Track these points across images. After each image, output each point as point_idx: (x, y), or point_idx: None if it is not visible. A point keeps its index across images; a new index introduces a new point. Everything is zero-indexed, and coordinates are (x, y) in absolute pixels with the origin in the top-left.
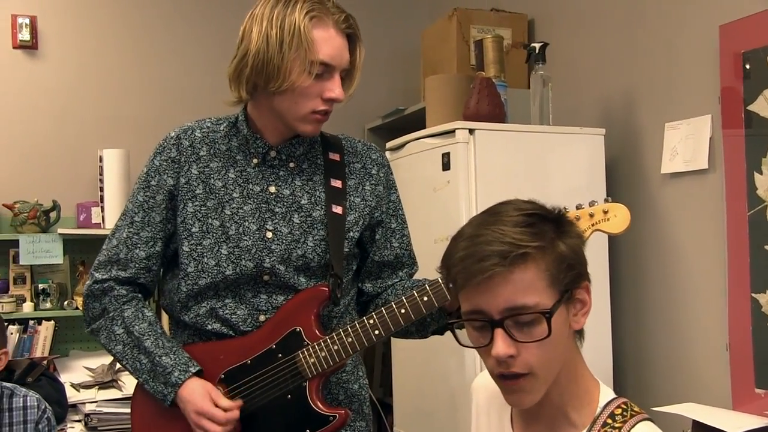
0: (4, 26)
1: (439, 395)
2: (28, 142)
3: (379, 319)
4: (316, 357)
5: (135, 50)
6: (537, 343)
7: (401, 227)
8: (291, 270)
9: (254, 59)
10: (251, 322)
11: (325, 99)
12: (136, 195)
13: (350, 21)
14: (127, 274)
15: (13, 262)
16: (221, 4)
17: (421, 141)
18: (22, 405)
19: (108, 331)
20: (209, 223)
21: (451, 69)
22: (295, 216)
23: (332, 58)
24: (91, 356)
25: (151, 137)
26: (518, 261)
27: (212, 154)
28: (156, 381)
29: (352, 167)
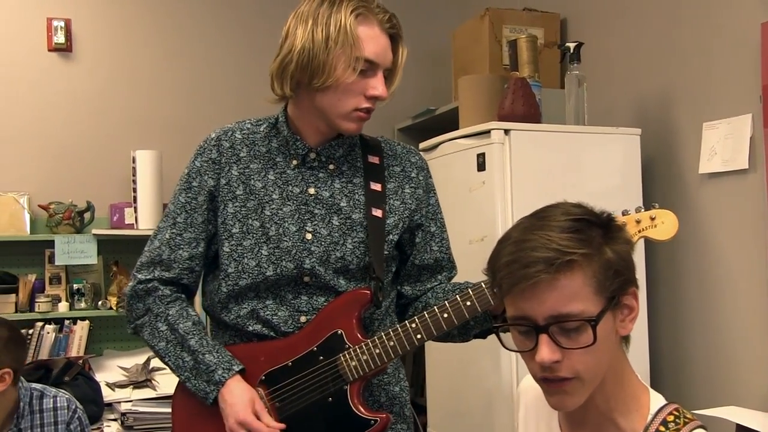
0: (40, 29)
1: (474, 396)
2: (62, 144)
3: (422, 323)
4: (357, 360)
5: (167, 52)
6: (583, 349)
7: (440, 231)
8: (330, 272)
9: (299, 56)
10: (292, 323)
11: (369, 96)
12: (177, 196)
13: (393, 21)
14: (170, 275)
15: (49, 262)
16: (251, 6)
17: (455, 142)
18: (52, 406)
19: (152, 327)
20: (249, 224)
21: (483, 69)
22: (334, 218)
23: (377, 56)
24: (125, 356)
25: (183, 138)
26: (564, 268)
27: (252, 156)
28: (198, 379)
29: (391, 170)
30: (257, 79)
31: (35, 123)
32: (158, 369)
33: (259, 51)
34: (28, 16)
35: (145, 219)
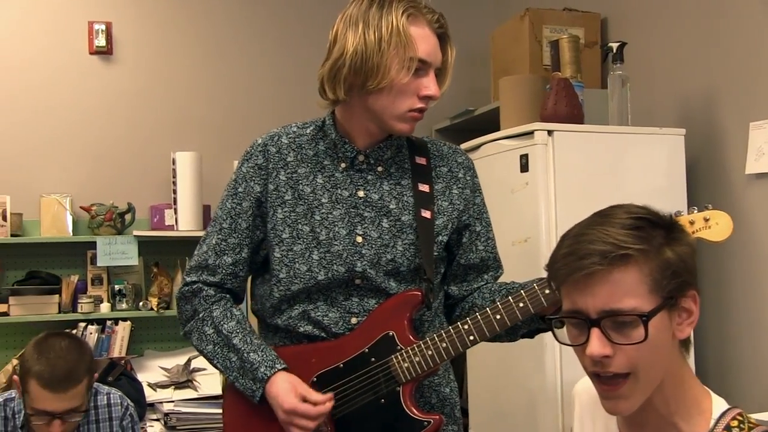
0: (81, 33)
1: (516, 397)
2: (103, 146)
3: (474, 324)
4: (410, 361)
5: (206, 54)
6: (634, 345)
7: (486, 230)
8: (381, 274)
9: (352, 59)
10: (343, 325)
11: (422, 96)
12: (224, 202)
13: (442, 21)
14: (215, 279)
15: (91, 263)
16: (290, 9)
17: (498, 143)
18: (106, 402)
19: (199, 332)
20: (299, 228)
21: (524, 69)
22: (384, 220)
23: (429, 55)
24: (166, 356)
25: (222, 140)
26: (618, 262)
27: (300, 160)
28: (245, 378)
29: (438, 171)
30: (295, 80)
31: (77, 125)
32: (199, 369)
33: (297, 53)
34: (70, 20)
35: (186, 220)
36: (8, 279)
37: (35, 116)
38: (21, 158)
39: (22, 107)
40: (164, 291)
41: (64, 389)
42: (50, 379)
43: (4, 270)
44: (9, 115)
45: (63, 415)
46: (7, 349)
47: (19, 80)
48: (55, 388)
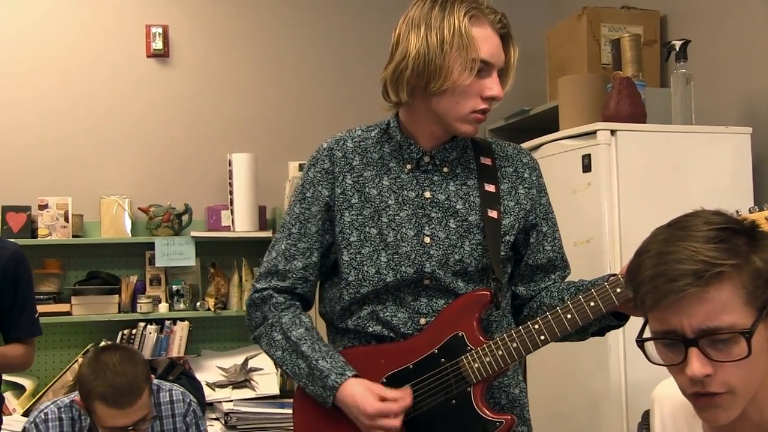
0: (139, 36)
1: (578, 398)
2: (161, 148)
3: (545, 324)
4: (480, 362)
5: (262, 56)
6: (735, 362)
7: (553, 230)
8: (449, 274)
9: (415, 61)
10: (411, 325)
11: (485, 97)
12: (293, 207)
13: (504, 21)
14: (285, 285)
15: (149, 263)
16: (346, 10)
17: (559, 143)
18: (169, 399)
19: (268, 337)
20: (367, 231)
21: (581, 69)
22: (451, 221)
23: (491, 56)
24: (223, 356)
25: (277, 141)
26: (713, 280)
27: (365, 163)
28: (315, 385)
29: (504, 171)
30: (349, 81)
31: (135, 128)
32: (256, 369)
33: (351, 54)
34: (127, 23)
35: (242, 221)
36: (69, 279)
37: (95, 119)
38: (82, 160)
39: (83, 110)
40: (221, 291)
41: (129, 404)
42: (114, 398)
43: (66, 270)
44: (70, 117)
45: (134, 426)
46: (70, 348)
47: (79, 83)
48: (121, 405)
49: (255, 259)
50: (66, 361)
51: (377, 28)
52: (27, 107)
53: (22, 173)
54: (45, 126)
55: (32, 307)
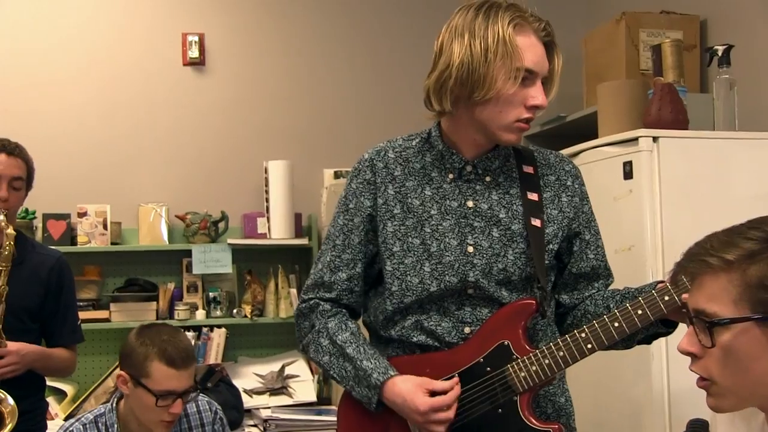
0: (175, 44)
1: (620, 406)
2: (197, 155)
3: (592, 332)
4: (526, 371)
5: (296, 64)
6: (718, 352)
7: (596, 238)
8: (493, 283)
9: (458, 70)
10: (456, 335)
11: (529, 106)
12: (336, 219)
13: (548, 29)
14: (331, 296)
15: (186, 271)
16: (379, 19)
17: (599, 149)
18: (196, 409)
19: (315, 344)
20: (410, 241)
21: (620, 74)
22: (494, 230)
23: (535, 65)
24: (259, 363)
25: (312, 148)
26: (704, 267)
27: (407, 174)
28: (360, 386)
29: (546, 179)
30: (384, 89)
31: (171, 135)
32: (293, 376)
33: (386, 63)
34: (164, 32)
35: (278, 228)
36: (108, 286)
37: (132, 127)
38: (120, 168)
39: (120, 118)
40: (257, 299)
41: (186, 365)
42: (174, 357)
43: (104, 277)
44: (108, 126)
45: (184, 394)
46: (108, 354)
47: (117, 92)
48: (179, 365)
49: (291, 266)
50: (105, 367)
51: (410, 37)
52: (66, 116)
53: (61, 181)
54: (83, 134)
55: (75, 314)
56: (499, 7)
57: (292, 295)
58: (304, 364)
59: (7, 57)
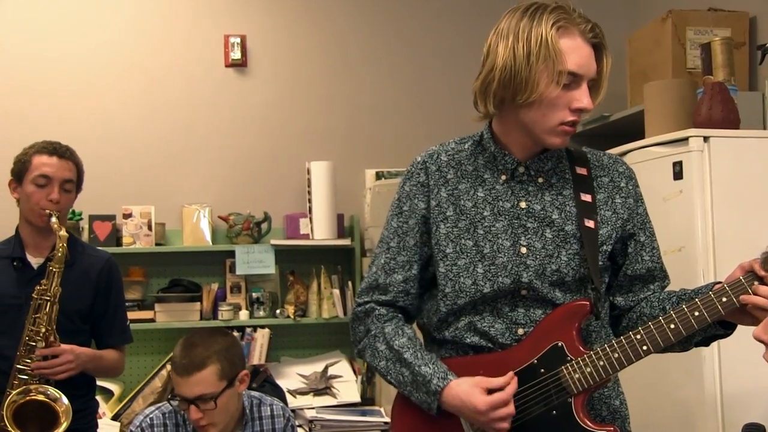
0: (218, 46)
1: (670, 410)
2: (239, 156)
3: (647, 334)
4: (581, 372)
5: (338, 65)
6: None
7: (651, 240)
8: (547, 285)
9: (501, 73)
10: (509, 336)
11: (573, 109)
12: (390, 221)
13: (597, 30)
14: (387, 298)
15: (230, 271)
16: (420, 20)
17: (647, 150)
18: (270, 414)
19: (372, 348)
20: (462, 243)
21: (665, 73)
22: (547, 231)
23: (580, 67)
24: (302, 363)
25: (355, 149)
26: None
27: (460, 176)
28: (419, 391)
29: (599, 181)
30: (426, 90)
31: (214, 137)
32: (336, 376)
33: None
34: (206, 34)
35: (320, 229)
36: (152, 287)
37: (175, 129)
38: (163, 169)
39: (164, 120)
40: (300, 299)
41: (187, 373)
42: (177, 364)
43: (149, 278)
44: (152, 127)
45: (195, 400)
46: (153, 354)
47: (160, 94)
48: (181, 372)
49: (333, 266)
50: (150, 367)
51: (450, 38)
52: (110, 118)
53: (107, 183)
54: (128, 136)
55: (123, 314)
56: (545, 9)
57: (334, 295)
58: (347, 364)
59: (53, 61)
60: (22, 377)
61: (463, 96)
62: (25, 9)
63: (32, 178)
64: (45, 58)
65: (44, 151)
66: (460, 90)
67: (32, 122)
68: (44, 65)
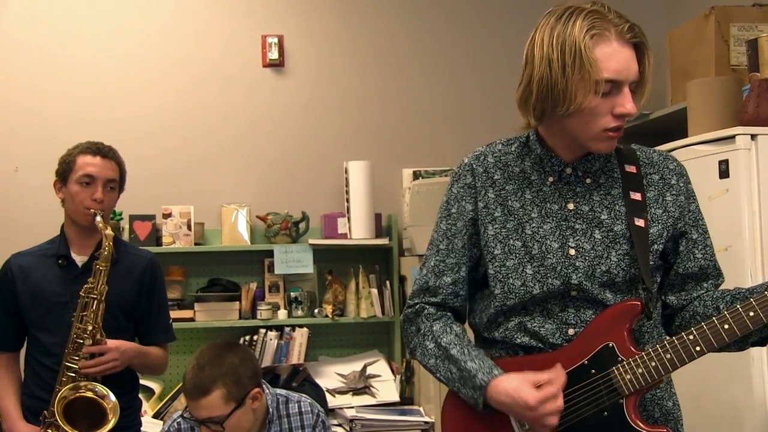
0: (255, 47)
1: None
2: (277, 156)
3: (700, 334)
4: (632, 373)
5: (375, 65)
6: None
7: (704, 238)
8: (597, 286)
9: (539, 86)
10: (560, 336)
11: (616, 115)
12: (439, 224)
13: (635, 30)
14: (436, 300)
15: (268, 271)
16: (456, 20)
17: (692, 148)
18: (298, 410)
19: (422, 347)
20: (511, 244)
21: (708, 71)
22: (596, 232)
23: (618, 74)
24: (340, 362)
25: (391, 149)
26: None
27: (507, 178)
28: (466, 387)
29: (649, 179)
30: (463, 89)
31: (252, 136)
32: (375, 376)
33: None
34: (244, 34)
35: (358, 229)
36: (191, 286)
37: (213, 129)
38: (202, 169)
39: (202, 120)
40: (338, 299)
41: (194, 398)
42: (186, 390)
43: (188, 277)
44: (190, 128)
45: (204, 422)
46: (192, 353)
47: (198, 94)
48: (190, 397)
49: (371, 266)
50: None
51: (486, 37)
52: (148, 118)
53: (146, 183)
54: (167, 136)
55: (167, 313)
56: (580, 13)
57: (372, 295)
58: (385, 363)
59: (93, 63)
60: (71, 374)
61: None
62: (65, 12)
63: (77, 178)
64: (85, 61)
65: (88, 151)
66: (496, 89)
67: (74, 123)
68: (85, 67)
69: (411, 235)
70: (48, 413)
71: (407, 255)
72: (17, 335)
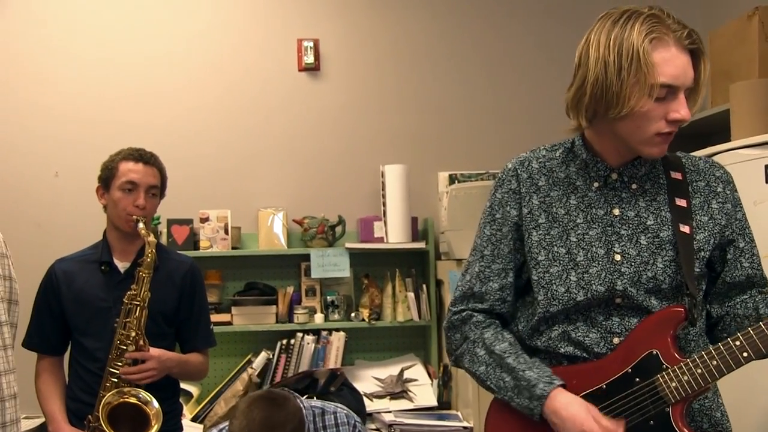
0: (291, 51)
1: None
2: (313, 160)
3: (747, 340)
4: (678, 381)
5: (411, 68)
6: None
7: (750, 246)
8: (642, 292)
9: (593, 87)
10: (605, 345)
11: (670, 120)
12: (482, 229)
13: (693, 36)
14: (483, 306)
15: (304, 275)
16: (492, 22)
17: (736, 152)
18: (334, 422)
19: (471, 354)
20: (555, 251)
21: (751, 73)
22: (642, 237)
23: (675, 79)
24: (376, 366)
25: (427, 152)
26: None
27: (551, 183)
28: (521, 396)
29: (695, 186)
30: (499, 93)
31: (288, 140)
32: (412, 380)
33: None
34: (280, 38)
35: (395, 232)
36: (228, 290)
37: (249, 134)
38: (239, 173)
39: (238, 125)
40: (375, 302)
41: None
42: None
43: (225, 281)
44: (227, 132)
45: None
46: (230, 357)
47: (235, 99)
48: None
49: (408, 270)
50: (227, 369)
51: (522, 39)
52: (185, 123)
53: (184, 187)
54: (203, 141)
55: (207, 318)
56: (638, 17)
57: (409, 298)
58: (422, 368)
59: (129, 68)
60: (114, 380)
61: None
62: (104, 18)
63: (119, 184)
64: (123, 66)
65: (130, 157)
66: (532, 91)
67: (112, 128)
68: (122, 72)
69: (449, 239)
70: (92, 418)
71: (444, 259)
72: (61, 340)
